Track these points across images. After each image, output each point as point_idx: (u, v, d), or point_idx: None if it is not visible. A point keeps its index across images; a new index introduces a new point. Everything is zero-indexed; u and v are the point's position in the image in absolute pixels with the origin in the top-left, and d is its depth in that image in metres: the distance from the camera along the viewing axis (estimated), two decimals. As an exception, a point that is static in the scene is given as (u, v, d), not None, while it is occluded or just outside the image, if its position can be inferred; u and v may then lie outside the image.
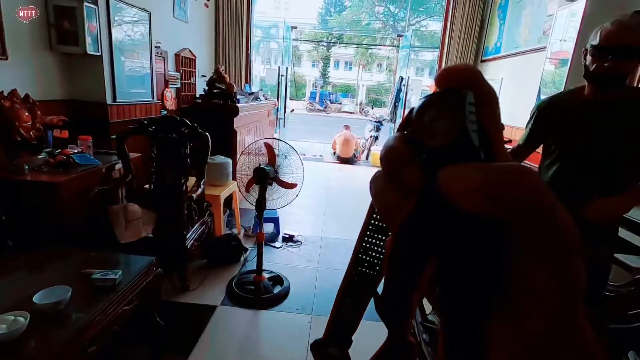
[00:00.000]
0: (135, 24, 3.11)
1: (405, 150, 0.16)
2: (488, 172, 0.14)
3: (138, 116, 3.24)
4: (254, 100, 4.06)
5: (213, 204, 2.54)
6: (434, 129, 0.15)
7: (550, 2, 3.50)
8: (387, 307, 0.19)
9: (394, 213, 0.17)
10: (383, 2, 22.46)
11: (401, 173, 0.16)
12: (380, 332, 0.19)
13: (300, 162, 2.22)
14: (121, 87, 2.95)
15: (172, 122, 2.40)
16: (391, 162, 0.17)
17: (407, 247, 0.16)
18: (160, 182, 2.43)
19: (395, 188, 0.17)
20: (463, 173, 0.14)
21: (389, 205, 0.17)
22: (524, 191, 0.14)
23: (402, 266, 0.17)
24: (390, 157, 0.17)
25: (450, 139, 0.15)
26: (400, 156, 0.17)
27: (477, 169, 0.14)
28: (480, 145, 0.15)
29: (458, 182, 0.14)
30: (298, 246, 2.89)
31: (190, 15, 4.57)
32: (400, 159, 0.16)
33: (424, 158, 0.16)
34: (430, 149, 0.15)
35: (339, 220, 3.57)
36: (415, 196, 0.16)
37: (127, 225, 2.06)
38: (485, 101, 0.16)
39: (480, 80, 0.16)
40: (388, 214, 0.17)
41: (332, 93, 25.02)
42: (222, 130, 3.15)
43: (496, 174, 0.14)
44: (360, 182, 5.28)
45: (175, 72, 4.34)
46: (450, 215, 0.14)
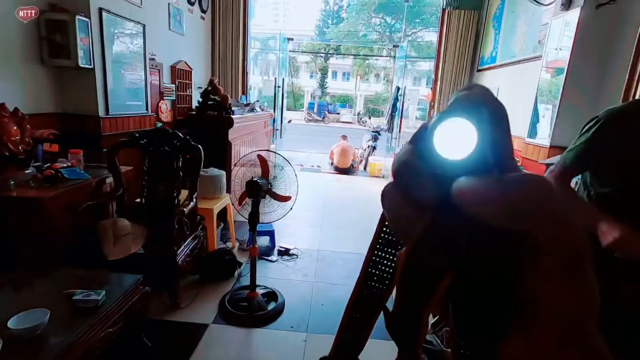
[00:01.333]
0: (130, 36, 3.10)
1: (419, 164, 0.16)
2: (505, 183, 0.14)
3: (132, 129, 3.20)
4: (249, 111, 4.03)
5: (206, 218, 2.49)
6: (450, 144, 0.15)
7: (545, 12, 3.52)
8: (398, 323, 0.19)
9: (408, 227, 0.17)
10: (379, 13, 22.77)
11: (415, 187, 0.16)
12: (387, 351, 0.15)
13: (294, 174, 2.18)
14: (114, 99, 2.92)
15: (164, 135, 2.37)
16: (404, 176, 0.17)
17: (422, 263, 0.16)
18: (152, 196, 2.38)
19: (408, 202, 0.17)
20: (480, 184, 0.14)
21: (402, 219, 0.17)
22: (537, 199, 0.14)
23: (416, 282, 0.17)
24: (404, 171, 0.17)
25: (465, 155, 0.15)
26: (413, 170, 0.17)
27: (494, 179, 0.14)
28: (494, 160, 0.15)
29: (475, 193, 0.14)
30: (294, 260, 2.83)
31: (187, 28, 4.59)
32: (413, 172, 0.17)
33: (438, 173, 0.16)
34: (444, 164, 0.16)
35: (337, 232, 3.51)
36: (430, 211, 0.16)
37: (116, 240, 2.01)
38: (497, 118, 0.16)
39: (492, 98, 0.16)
40: (401, 228, 0.18)
41: (330, 103, 25.16)
42: (217, 142, 3.11)
43: (511, 183, 0.14)
44: (358, 193, 5.23)
45: (171, 84, 4.33)
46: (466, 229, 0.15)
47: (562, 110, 2.95)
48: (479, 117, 0.15)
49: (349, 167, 6.43)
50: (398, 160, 0.17)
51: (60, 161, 2.29)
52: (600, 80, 2.86)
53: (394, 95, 5.83)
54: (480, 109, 0.16)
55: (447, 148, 0.16)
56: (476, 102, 0.16)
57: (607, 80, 2.82)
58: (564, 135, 2.99)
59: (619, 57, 2.74)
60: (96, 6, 2.64)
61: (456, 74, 5.51)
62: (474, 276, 0.15)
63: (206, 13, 5.28)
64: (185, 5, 4.58)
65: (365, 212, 4.38)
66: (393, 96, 5.83)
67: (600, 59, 2.83)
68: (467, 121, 0.15)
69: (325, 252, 3.00)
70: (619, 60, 2.74)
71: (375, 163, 6.50)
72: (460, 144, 0.15)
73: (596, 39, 2.79)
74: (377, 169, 6.37)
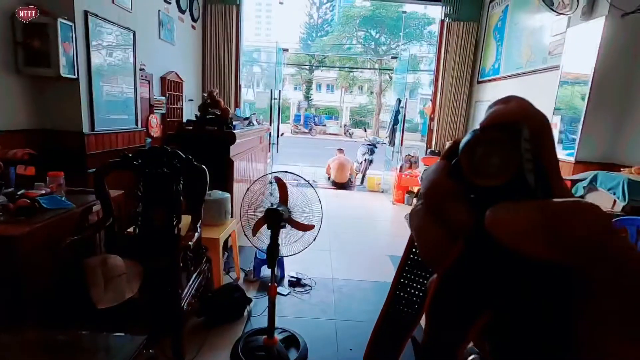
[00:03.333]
0: (118, 43, 2.78)
1: (452, 186, 0.15)
2: (547, 209, 0.12)
3: (120, 146, 2.86)
4: (248, 125, 3.75)
5: (210, 248, 2.16)
6: (486, 167, 0.14)
7: (555, 23, 3.41)
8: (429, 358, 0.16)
9: (439, 254, 0.15)
10: (364, 27, 23.04)
11: (447, 211, 0.15)
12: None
13: (317, 197, 1.90)
14: (101, 113, 2.59)
15: (162, 154, 2.05)
16: (435, 198, 0.15)
17: (455, 295, 0.15)
18: (148, 225, 2.04)
19: (439, 226, 0.15)
20: (518, 211, 0.13)
21: (432, 245, 0.16)
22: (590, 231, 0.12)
23: (448, 314, 0.15)
24: (435, 192, 0.16)
25: (504, 180, 0.13)
26: (446, 192, 0.15)
27: (534, 206, 0.13)
28: (537, 182, 0.14)
29: (512, 222, 0.13)
30: (308, 292, 2.52)
31: (177, 37, 4.30)
32: (446, 194, 0.15)
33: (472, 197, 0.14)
34: (480, 188, 0.14)
35: (348, 257, 3.22)
36: (464, 237, 0.14)
37: (107, 284, 1.66)
38: (540, 133, 0.14)
39: (533, 111, 0.15)
40: (432, 254, 0.16)
41: (316, 115, 25.09)
42: (217, 160, 2.80)
43: (557, 211, 0.12)
44: (360, 210, 4.98)
45: (161, 96, 4.01)
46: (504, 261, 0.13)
47: (587, 123, 2.80)
48: (518, 134, 0.14)
49: (346, 182, 6.19)
50: (428, 179, 0.16)
51: (37, 187, 1.93)
52: (628, 92, 2.72)
53: (395, 107, 5.66)
54: (519, 124, 0.14)
55: (482, 171, 0.14)
56: (515, 116, 0.14)
57: (636, 91, 2.69)
58: (591, 149, 2.83)
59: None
60: (81, 9, 2.33)
61: (456, 86, 5.39)
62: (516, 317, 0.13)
63: (197, 22, 5.01)
64: (176, 13, 4.30)
65: (371, 232, 4.12)
66: (394, 109, 5.66)
67: (627, 69, 2.70)
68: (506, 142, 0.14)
69: (341, 281, 2.71)
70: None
71: (374, 177, 6.29)
72: (497, 166, 0.14)
73: (622, 49, 2.66)
74: (376, 183, 6.15)
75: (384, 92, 21.63)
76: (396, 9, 20.47)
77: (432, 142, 5.59)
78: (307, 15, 28.07)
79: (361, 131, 20.48)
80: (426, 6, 14.74)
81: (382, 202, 5.47)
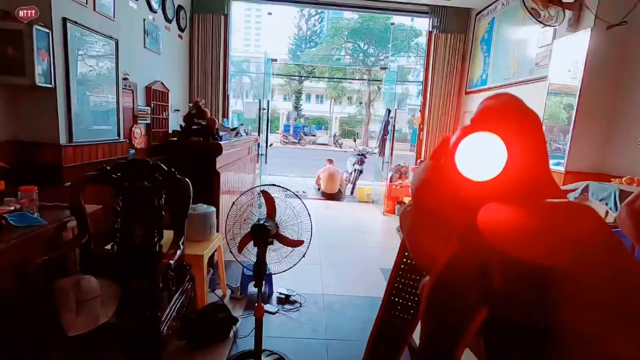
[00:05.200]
0: (99, 52, 2.69)
1: (443, 185, 0.15)
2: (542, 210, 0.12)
3: (100, 158, 2.74)
4: (236, 136, 3.66)
5: (194, 266, 2.05)
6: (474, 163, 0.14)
7: (541, 34, 3.45)
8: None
9: (432, 256, 0.15)
10: (353, 39, 23.34)
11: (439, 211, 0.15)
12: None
13: (306, 211, 1.82)
14: (80, 124, 2.48)
15: (143, 167, 1.95)
16: (425, 198, 0.15)
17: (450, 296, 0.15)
18: (127, 242, 1.93)
19: (432, 227, 0.15)
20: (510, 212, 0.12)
21: (424, 246, 0.15)
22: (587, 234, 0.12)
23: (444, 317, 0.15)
24: (424, 192, 0.15)
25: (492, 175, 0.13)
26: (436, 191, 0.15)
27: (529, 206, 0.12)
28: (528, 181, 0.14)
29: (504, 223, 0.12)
30: (297, 309, 2.41)
31: (163, 47, 4.21)
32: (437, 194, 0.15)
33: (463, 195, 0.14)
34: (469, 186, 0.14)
35: (339, 271, 3.13)
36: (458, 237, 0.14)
37: (79, 307, 1.54)
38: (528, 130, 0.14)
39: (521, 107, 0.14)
40: (424, 257, 0.15)
41: (305, 125, 25.12)
42: (203, 172, 2.70)
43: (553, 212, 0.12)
44: (351, 221, 4.90)
45: (146, 106, 3.90)
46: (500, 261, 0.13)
47: (576, 134, 2.80)
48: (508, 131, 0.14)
49: (336, 192, 6.13)
50: (417, 179, 0.15)
51: (7, 202, 1.81)
52: (615, 102, 2.74)
53: (384, 118, 5.65)
54: (509, 120, 0.14)
55: (472, 167, 0.14)
56: (504, 112, 0.14)
57: (623, 102, 2.71)
58: (580, 160, 2.83)
59: (632, 78, 2.65)
60: (59, 15, 2.24)
61: (444, 96, 5.42)
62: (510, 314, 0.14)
63: (184, 32, 4.94)
64: (162, 22, 4.23)
65: (362, 244, 4.04)
66: (384, 119, 5.65)
67: (614, 80, 2.72)
68: (494, 136, 0.14)
69: (331, 297, 2.61)
70: (633, 82, 2.64)
71: (364, 188, 6.24)
72: (486, 162, 0.14)
73: (609, 60, 2.69)
74: (366, 193, 6.11)
75: (373, 103, 21.84)
76: (384, 21, 20.83)
77: (421, 153, 5.59)
78: (296, 26, 28.35)
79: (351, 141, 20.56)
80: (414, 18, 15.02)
81: (373, 213, 5.41)
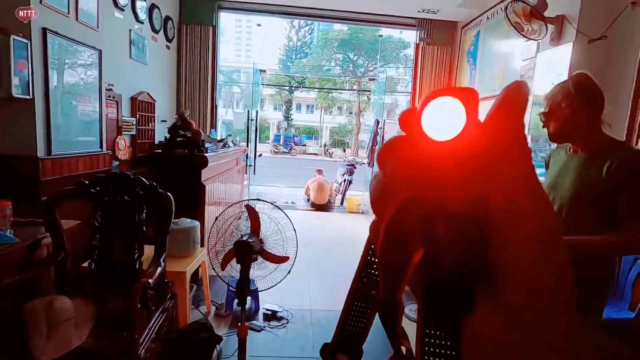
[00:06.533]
0: (81, 63, 2.63)
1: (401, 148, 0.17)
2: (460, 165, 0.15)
3: (82, 170, 2.66)
4: (223, 147, 3.61)
5: (176, 283, 1.98)
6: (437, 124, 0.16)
7: (525, 47, 3.51)
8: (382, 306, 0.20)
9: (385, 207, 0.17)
10: (342, 50, 23.61)
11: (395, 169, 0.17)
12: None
13: (292, 226, 1.78)
14: (60, 136, 2.40)
15: (123, 181, 1.89)
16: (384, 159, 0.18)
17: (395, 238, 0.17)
18: (106, 259, 1.85)
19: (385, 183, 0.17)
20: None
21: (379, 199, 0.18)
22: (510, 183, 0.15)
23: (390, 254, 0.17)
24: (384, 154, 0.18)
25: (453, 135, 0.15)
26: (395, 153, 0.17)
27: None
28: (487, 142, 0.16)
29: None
30: (284, 326, 2.35)
31: (150, 57, 4.17)
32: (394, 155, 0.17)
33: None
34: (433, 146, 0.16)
35: (327, 285, 3.08)
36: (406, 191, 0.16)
37: (50, 331, 1.46)
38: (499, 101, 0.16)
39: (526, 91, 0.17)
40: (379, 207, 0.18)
41: (296, 135, 25.15)
42: (188, 185, 2.64)
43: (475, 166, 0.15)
44: (340, 233, 4.86)
45: (131, 117, 3.83)
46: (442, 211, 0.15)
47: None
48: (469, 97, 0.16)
49: (326, 203, 6.09)
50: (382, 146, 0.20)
51: (-23, 219, 1.72)
52: (598, 114, 2.79)
53: (373, 129, 5.67)
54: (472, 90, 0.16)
55: (435, 128, 0.15)
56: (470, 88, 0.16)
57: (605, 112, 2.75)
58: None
59: (613, 90, 2.70)
60: (39, 26, 2.18)
61: (432, 107, 5.47)
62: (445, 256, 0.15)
63: (172, 42, 4.91)
64: (149, 33, 4.19)
65: (351, 257, 3.97)
66: (372, 130, 5.67)
67: (596, 93, 2.77)
68: (455, 100, 0.15)
69: (319, 312, 2.55)
70: (613, 94, 2.69)
71: (353, 198, 6.22)
72: (448, 123, 0.15)
73: (590, 73, 2.73)
74: (356, 204, 6.08)
75: (362, 113, 22.02)
76: (373, 33, 21.15)
77: (410, 163, 5.61)
78: (287, 37, 28.61)
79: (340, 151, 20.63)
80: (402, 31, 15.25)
81: (362, 224, 5.38)
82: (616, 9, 2.62)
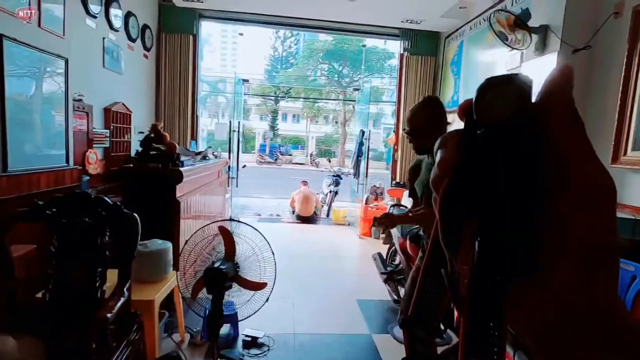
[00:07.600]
0: (44, 72, 2.45)
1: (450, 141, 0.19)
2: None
3: (45, 187, 2.45)
4: (202, 160, 3.44)
5: (144, 313, 1.79)
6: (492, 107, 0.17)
7: (510, 57, 3.49)
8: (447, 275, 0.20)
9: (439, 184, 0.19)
10: (327, 60, 23.75)
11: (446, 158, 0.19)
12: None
13: (270, 250, 1.63)
14: (18, 151, 2.21)
15: (82, 201, 1.71)
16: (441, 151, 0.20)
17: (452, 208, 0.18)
18: (62, 288, 1.66)
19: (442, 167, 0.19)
20: None
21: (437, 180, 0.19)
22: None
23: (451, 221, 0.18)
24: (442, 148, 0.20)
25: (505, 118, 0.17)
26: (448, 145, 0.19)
27: None
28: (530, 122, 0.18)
29: None
30: (265, 354, 2.17)
31: (126, 66, 3.99)
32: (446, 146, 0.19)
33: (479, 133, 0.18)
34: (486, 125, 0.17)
35: (312, 305, 2.92)
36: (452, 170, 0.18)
37: (-12, 378, 1.26)
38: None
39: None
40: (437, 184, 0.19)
41: (282, 145, 25.01)
42: (161, 202, 2.47)
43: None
44: (327, 246, 4.70)
45: (105, 129, 3.64)
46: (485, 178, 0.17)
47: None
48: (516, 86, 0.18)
49: (311, 215, 5.94)
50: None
51: None
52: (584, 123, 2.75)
53: (358, 139, 5.58)
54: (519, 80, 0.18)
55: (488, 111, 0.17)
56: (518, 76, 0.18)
57: (589, 122, 2.70)
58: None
59: (597, 99, 2.68)
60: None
61: (417, 117, 5.43)
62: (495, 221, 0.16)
63: (150, 51, 4.74)
64: (125, 42, 4.02)
65: (338, 272, 3.83)
66: (358, 140, 5.58)
67: (580, 102, 2.73)
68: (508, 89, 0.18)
69: (304, 336, 2.39)
70: (598, 103, 2.67)
71: (340, 210, 6.09)
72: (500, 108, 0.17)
73: (575, 83, 2.68)
74: (342, 215, 5.95)
75: (348, 122, 22.07)
76: (358, 43, 21.35)
77: (396, 173, 5.53)
78: (272, 48, 28.64)
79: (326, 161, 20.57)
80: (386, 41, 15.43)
81: (348, 236, 5.24)
82: (599, 19, 2.61)
